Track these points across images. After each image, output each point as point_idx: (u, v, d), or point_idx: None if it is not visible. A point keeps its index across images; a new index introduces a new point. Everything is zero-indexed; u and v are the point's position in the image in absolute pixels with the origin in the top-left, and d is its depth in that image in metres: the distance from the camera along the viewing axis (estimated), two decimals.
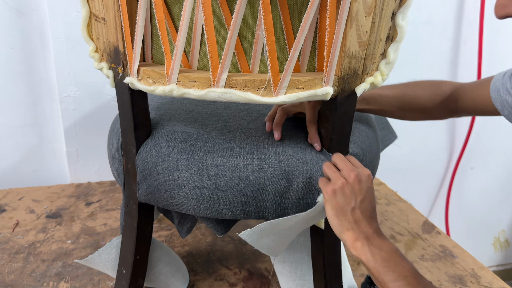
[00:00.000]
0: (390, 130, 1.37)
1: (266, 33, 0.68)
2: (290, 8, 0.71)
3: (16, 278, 1.19)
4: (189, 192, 0.83)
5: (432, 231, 1.54)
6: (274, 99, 0.72)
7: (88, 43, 0.83)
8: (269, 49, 0.69)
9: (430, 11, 1.88)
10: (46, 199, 1.62)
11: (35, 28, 1.54)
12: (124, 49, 0.77)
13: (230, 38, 0.69)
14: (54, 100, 1.64)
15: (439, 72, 2.01)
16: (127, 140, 0.87)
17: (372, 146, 0.94)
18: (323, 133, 0.82)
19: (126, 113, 0.84)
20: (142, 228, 0.94)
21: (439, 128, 2.12)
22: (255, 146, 0.84)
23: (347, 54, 0.72)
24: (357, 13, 0.69)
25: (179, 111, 0.94)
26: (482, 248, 2.42)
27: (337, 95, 0.76)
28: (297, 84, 0.72)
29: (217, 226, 0.91)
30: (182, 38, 0.71)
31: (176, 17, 0.74)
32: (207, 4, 0.67)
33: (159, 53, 0.78)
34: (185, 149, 0.84)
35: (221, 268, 1.28)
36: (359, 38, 0.71)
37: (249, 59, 0.74)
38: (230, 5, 0.70)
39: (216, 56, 0.71)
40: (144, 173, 0.86)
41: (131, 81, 0.78)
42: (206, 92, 0.72)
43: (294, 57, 0.70)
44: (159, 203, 0.87)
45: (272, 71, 0.71)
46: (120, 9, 0.74)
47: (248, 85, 0.72)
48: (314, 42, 0.74)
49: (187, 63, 0.77)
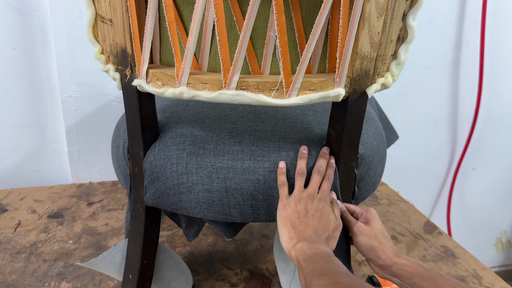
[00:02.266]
0: (391, 130, 1.36)
1: (278, 34, 0.67)
2: (302, 8, 0.70)
3: (18, 278, 1.18)
4: (198, 196, 0.82)
5: (433, 232, 1.54)
6: (286, 101, 0.71)
7: (94, 45, 0.82)
8: (282, 51, 0.69)
9: (432, 11, 1.88)
10: (48, 199, 1.62)
11: (37, 28, 1.53)
12: (132, 51, 0.76)
13: (242, 39, 0.68)
14: (55, 100, 1.63)
15: (440, 72, 2.01)
16: (134, 143, 0.86)
17: (380, 147, 0.94)
18: (333, 135, 0.82)
19: (134, 115, 0.83)
20: (149, 232, 0.93)
21: (441, 128, 2.12)
22: (265, 149, 0.83)
23: (359, 55, 0.71)
24: (370, 14, 0.68)
25: (186, 113, 0.93)
26: (484, 248, 2.42)
27: (349, 96, 0.75)
28: (309, 85, 0.72)
29: (226, 229, 0.90)
30: (193, 39, 0.70)
31: (186, 18, 0.73)
32: (219, 5, 0.66)
33: (168, 55, 0.77)
34: (194, 152, 0.83)
35: (222, 269, 1.27)
36: (371, 39, 0.71)
37: (260, 61, 0.73)
38: (242, 6, 0.69)
39: (227, 58, 0.70)
40: (152, 176, 0.85)
41: (140, 84, 0.77)
42: (217, 94, 0.72)
43: (306, 59, 0.69)
44: (167, 206, 0.86)
45: (284, 72, 0.70)
46: (129, 10, 0.73)
47: (260, 87, 0.71)
48: (325, 43, 0.73)
49: (197, 65, 0.76)
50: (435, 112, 2.08)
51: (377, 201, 1.75)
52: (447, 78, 2.03)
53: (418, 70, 1.97)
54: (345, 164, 0.83)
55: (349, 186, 0.86)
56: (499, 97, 2.10)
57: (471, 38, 1.97)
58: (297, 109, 0.96)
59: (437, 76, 2.01)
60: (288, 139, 0.85)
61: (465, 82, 2.05)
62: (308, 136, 0.86)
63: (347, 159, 0.82)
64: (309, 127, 0.89)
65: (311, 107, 0.98)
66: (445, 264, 1.35)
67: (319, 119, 0.93)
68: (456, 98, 2.08)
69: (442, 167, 2.22)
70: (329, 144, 0.83)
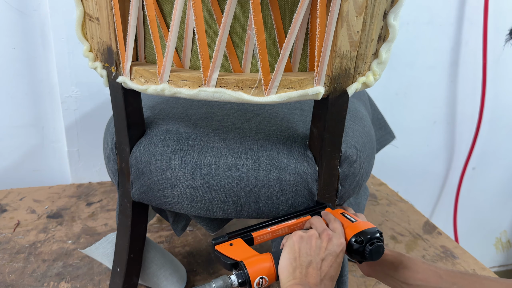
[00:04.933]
0: (387, 130, 1.36)
1: (256, 32, 0.68)
2: (281, 7, 0.71)
3: (17, 278, 1.20)
4: (181, 191, 0.83)
5: (433, 232, 1.53)
6: (265, 98, 0.72)
7: (83, 43, 0.84)
8: (260, 49, 0.69)
9: (432, 11, 1.88)
10: (47, 199, 1.63)
11: (37, 28, 1.55)
12: (117, 48, 0.78)
13: (221, 37, 0.69)
14: (55, 100, 1.65)
15: (440, 72, 2.00)
16: (121, 139, 0.88)
17: (366, 146, 0.94)
18: (315, 133, 0.82)
19: (120, 112, 0.84)
20: (136, 227, 0.95)
21: (441, 128, 2.12)
22: (249, 147, 0.84)
23: (338, 54, 0.72)
24: (348, 13, 0.69)
25: (174, 111, 0.94)
26: (484, 248, 2.41)
27: (329, 94, 0.75)
28: (288, 83, 0.72)
29: (209, 224, 0.91)
30: (173, 37, 0.72)
31: (168, 17, 0.75)
32: (198, 4, 0.67)
33: (152, 52, 0.79)
34: (178, 148, 0.84)
35: (221, 269, 1.28)
36: (350, 38, 0.71)
37: (240, 59, 0.74)
38: (221, 5, 0.70)
39: (207, 56, 0.71)
40: (137, 172, 0.87)
41: (124, 80, 0.78)
42: (197, 91, 0.73)
43: (284, 57, 0.70)
44: (152, 202, 0.88)
45: (263, 70, 0.71)
46: (113, 9, 0.75)
47: (239, 85, 0.72)
48: (305, 42, 0.74)
49: (179, 63, 0.77)
50: (435, 112, 2.08)
51: (376, 201, 1.75)
52: (447, 78, 2.02)
53: (418, 70, 1.98)
54: (328, 162, 0.84)
55: (332, 184, 0.86)
56: (499, 97, 2.10)
57: (471, 38, 1.97)
58: (284, 107, 0.96)
59: (437, 76, 2.01)
60: (272, 138, 0.86)
61: (465, 82, 2.05)
62: (292, 135, 0.87)
63: (329, 157, 0.83)
64: (294, 126, 0.90)
65: (299, 105, 0.98)
66: (444, 264, 1.35)
67: (305, 118, 0.93)
68: (456, 98, 2.07)
69: (442, 167, 2.21)
70: (311, 141, 0.84)
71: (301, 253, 0.70)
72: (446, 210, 2.28)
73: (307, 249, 0.70)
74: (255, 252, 0.73)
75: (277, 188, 0.83)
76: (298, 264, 0.69)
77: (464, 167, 2.16)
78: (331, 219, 0.77)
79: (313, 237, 0.71)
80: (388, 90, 1.97)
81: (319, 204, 0.86)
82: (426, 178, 2.20)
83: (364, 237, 0.72)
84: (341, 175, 0.87)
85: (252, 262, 0.70)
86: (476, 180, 2.26)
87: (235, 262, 0.72)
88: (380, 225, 1.57)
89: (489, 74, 2.02)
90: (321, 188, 0.85)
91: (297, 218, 0.82)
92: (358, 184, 0.93)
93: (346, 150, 0.87)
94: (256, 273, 0.69)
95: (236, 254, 0.73)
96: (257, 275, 0.69)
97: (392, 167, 2.08)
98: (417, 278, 0.77)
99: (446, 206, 2.28)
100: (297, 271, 0.68)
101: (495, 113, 2.11)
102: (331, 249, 0.71)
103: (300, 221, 0.82)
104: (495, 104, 2.10)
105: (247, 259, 0.71)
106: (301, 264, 0.68)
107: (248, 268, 0.69)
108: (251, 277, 0.69)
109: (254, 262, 0.70)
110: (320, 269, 0.69)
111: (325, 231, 0.73)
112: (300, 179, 0.83)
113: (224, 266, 0.74)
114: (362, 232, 0.73)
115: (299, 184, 0.83)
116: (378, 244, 0.72)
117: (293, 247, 0.71)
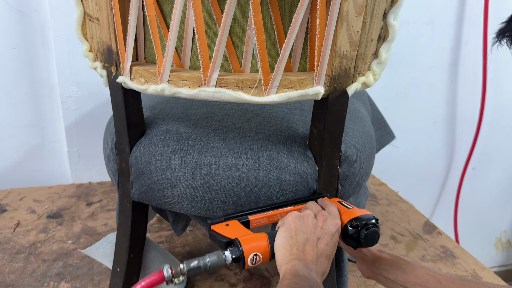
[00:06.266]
0: (387, 130, 1.37)
1: (256, 32, 0.68)
2: (281, 7, 0.71)
3: (17, 278, 1.19)
4: (181, 191, 0.83)
5: (433, 232, 1.53)
6: (265, 98, 0.72)
7: (83, 43, 0.84)
8: (259, 49, 0.70)
9: (432, 11, 1.88)
10: (47, 199, 1.63)
11: (37, 28, 1.55)
12: (117, 48, 0.78)
13: (221, 37, 0.70)
14: (55, 100, 1.65)
15: (440, 72, 2.00)
16: (121, 139, 0.88)
17: (366, 146, 0.94)
18: (315, 133, 0.82)
19: (120, 112, 0.84)
20: (136, 227, 0.95)
21: (441, 128, 2.12)
22: (249, 147, 0.84)
23: (338, 54, 0.72)
24: (348, 13, 0.69)
25: (174, 111, 0.94)
26: (484, 248, 2.41)
27: (329, 94, 0.76)
28: (288, 83, 0.72)
29: None
30: (173, 37, 0.72)
31: (168, 17, 0.75)
32: (197, 4, 0.67)
33: (152, 52, 0.79)
34: (178, 148, 0.84)
35: (221, 269, 1.28)
36: (350, 38, 0.71)
37: (240, 59, 0.74)
38: (221, 5, 0.71)
39: (207, 56, 0.71)
40: (137, 172, 0.87)
41: (124, 80, 0.78)
42: (197, 91, 0.73)
43: (284, 57, 0.70)
44: (152, 202, 0.88)
45: (262, 70, 0.71)
46: (113, 9, 0.75)
47: (239, 85, 0.72)
48: (305, 42, 0.74)
49: (179, 63, 0.77)
50: (435, 112, 2.08)
51: (376, 201, 1.75)
52: (447, 78, 2.02)
53: (418, 70, 1.98)
54: (328, 162, 0.84)
55: (332, 184, 0.86)
56: (499, 97, 2.10)
57: (471, 38, 1.97)
58: (284, 107, 0.96)
59: (437, 76, 2.01)
60: (272, 138, 0.86)
61: (465, 82, 2.05)
62: (292, 135, 0.87)
63: (329, 157, 0.83)
64: (294, 126, 0.90)
65: (299, 105, 0.98)
66: (444, 264, 1.35)
67: (305, 118, 0.93)
68: (456, 98, 2.07)
69: (442, 167, 2.21)
70: (311, 141, 0.84)
71: (297, 231, 0.70)
72: (446, 210, 2.28)
73: (303, 227, 0.71)
74: (250, 232, 0.74)
75: (277, 188, 0.83)
76: (294, 241, 0.69)
77: (464, 167, 2.16)
78: (327, 204, 0.78)
79: (309, 217, 0.72)
80: (388, 90, 1.97)
81: (316, 194, 0.86)
82: (426, 178, 2.20)
83: (360, 223, 0.73)
84: (341, 175, 0.87)
85: (247, 239, 0.70)
86: (476, 180, 2.26)
87: (230, 240, 0.72)
88: (380, 225, 1.57)
89: (489, 74, 2.02)
90: (321, 188, 0.85)
91: (294, 205, 0.83)
92: (358, 184, 0.93)
93: (346, 150, 0.87)
94: (250, 250, 0.69)
95: (231, 233, 0.73)
96: (251, 251, 0.69)
97: (392, 167, 2.08)
98: (415, 283, 0.78)
99: (446, 206, 2.28)
100: (294, 248, 0.68)
101: (495, 113, 2.11)
102: (326, 228, 0.71)
103: (296, 208, 0.82)
104: (495, 104, 2.10)
105: (242, 237, 0.71)
106: (298, 241, 0.69)
107: (242, 245, 0.69)
108: (245, 253, 0.69)
109: (249, 239, 0.71)
110: (317, 247, 0.69)
111: (321, 212, 0.74)
112: (300, 179, 0.83)
113: (219, 245, 0.73)
114: (357, 218, 0.73)
115: (299, 184, 0.83)
116: (373, 230, 0.72)
117: (289, 226, 0.71)
